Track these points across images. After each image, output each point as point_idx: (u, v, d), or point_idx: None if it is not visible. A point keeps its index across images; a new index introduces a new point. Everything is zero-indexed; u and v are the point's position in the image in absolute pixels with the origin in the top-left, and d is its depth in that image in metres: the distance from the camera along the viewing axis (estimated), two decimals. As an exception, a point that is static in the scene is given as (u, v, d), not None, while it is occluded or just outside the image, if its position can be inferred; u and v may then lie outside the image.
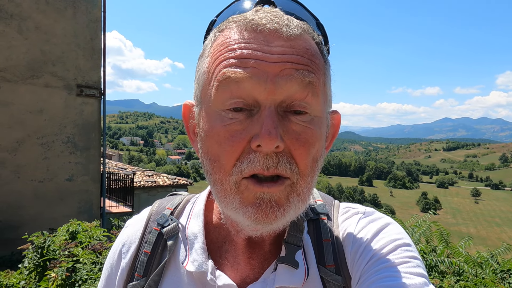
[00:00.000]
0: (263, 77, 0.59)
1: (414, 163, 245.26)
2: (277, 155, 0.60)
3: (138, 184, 15.40)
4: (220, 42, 0.64)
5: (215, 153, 0.63)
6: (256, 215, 0.61)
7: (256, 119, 0.60)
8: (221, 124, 0.62)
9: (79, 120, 9.41)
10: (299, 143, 0.61)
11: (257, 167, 0.59)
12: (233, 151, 0.61)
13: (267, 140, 0.57)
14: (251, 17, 0.63)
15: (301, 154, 0.61)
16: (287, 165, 0.60)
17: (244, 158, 0.60)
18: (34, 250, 3.55)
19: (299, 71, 0.60)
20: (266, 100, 0.59)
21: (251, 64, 0.59)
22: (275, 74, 0.59)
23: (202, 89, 0.67)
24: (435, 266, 4.25)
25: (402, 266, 0.65)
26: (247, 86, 0.59)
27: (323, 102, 0.65)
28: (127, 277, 0.77)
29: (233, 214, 0.64)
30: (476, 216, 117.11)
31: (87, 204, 9.56)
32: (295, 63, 0.60)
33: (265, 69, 0.59)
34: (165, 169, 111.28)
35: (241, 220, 0.63)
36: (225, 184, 0.63)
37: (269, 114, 0.59)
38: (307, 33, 0.65)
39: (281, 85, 0.59)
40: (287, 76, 0.59)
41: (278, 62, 0.59)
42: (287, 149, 0.60)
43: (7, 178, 8.53)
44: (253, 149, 0.60)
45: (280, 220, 0.62)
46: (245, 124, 0.60)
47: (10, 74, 8.52)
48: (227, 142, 0.61)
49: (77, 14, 9.27)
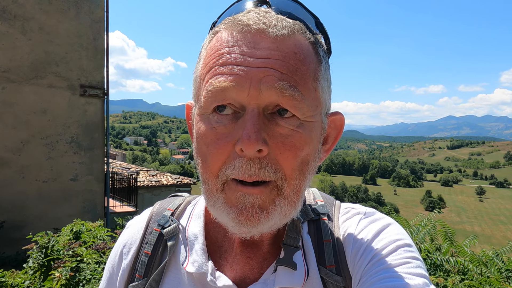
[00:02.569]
0: (246, 84, 0.58)
1: (418, 162, 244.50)
2: (260, 161, 0.59)
3: (141, 184, 15.46)
4: (212, 45, 0.65)
5: (204, 154, 0.64)
6: (239, 218, 0.61)
7: (240, 122, 0.60)
8: (209, 126, 0.62)
9: (82, 120, 9.44)
10: (285, 147, 0.60)
11: (239, 174, 0.59)
12: (219, 154, 0.61)
13: (247, 144, 0.57)
14: (240, 18, 0.62)
15: (286, 158, 0.60)
16: (271, 172, 0.60)
17: (229, 163, 0.60)
18: (39, 250, 3.57)
19: (280, 82, 0.59)
20: (250, 104, 0.59)
21: (235, 72, 0.59)
22: (258, 80, 0.58)
23: (196, 91, 0.67)
24: (440, 265, 4.23)
25: (403, 267, 0.64)
26: (232, 93, 0.59)
27: (313, 107, 0.63)
28: (128, 278, 0.78)
29: (219, 214, 0.64)
30: (481, 214, 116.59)
31: (91, 204, 9.60)
32: (278, 71, 0.59)
33: (248, 74, 0.58)
34: (168, 169, 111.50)
35: (226, 221, 0.64)
36: (211, 185, 0.63)
37: (250, 118, 0.58)
38: (299, 32, 0.63)
39: (262, 91, 0.58)
40: (268, 84, 0.58)
41: (262, 67, 0.59)
42: (272, 153, 0.60)
43: (12, 178, 8.58)
44: (238, 153, 0.59)
45: (265, 224, 0.62)
46: (230, 127, 0.61)
47: (14, 74, 8.56)
48: (213, 145, 0.62)
49: (80, 14, 9.30)
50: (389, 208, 5.91)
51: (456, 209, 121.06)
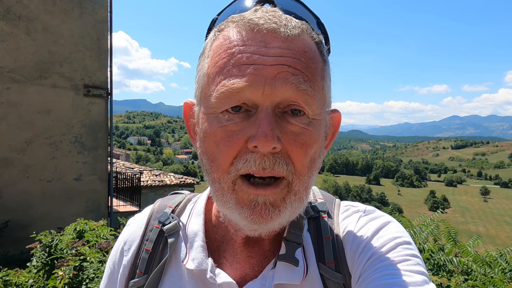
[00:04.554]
0: (261, 82, 0.59)
1: (422, 162, 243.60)
2: (274, 156, 0.60)
3: (145, 183, 15.51)
4: (219, 43, 0.64)
5: (213, 153, 0.64)
6: (251, 216, 0.62)
7: (253, 120, 0.61)
8: (218, 125, 0.62)
9: (86, 120, 9.48)
10: (296, 144, 0.62)
11: (252, 168, 0.60)
12: (230, 151, 0.61)
13: (264, 141, 0.58)
14: (249, 16, 0.63)
15: (298, 155, 0.62)
16: (284, 166, 0.61)
17: (241, 157, 0.61)
18: (42, 249, 3.59)
19: (295, 76, 0.60)
20: (264, 102, 0.60)
21: (249, 71, 0.59)
22: (272, 77, 0.59)
23: (201, 90, 0.67)
24: (443, 265, 4.22)
25: (402, 264, 0.65)
26: (247, 93, 0.60)
27: (321, 105, 0.65)
28: (129, 274, 0.78)
29: (230, 213, 0.65)
30: (485, 214, 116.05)
31: (94, 203, 9.64)
32: (291, 67, 0.60)
33: (262, 73, 0.59)
34: (172, 168, 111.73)
35: (238, 220, 0.64)
36: (223, 183, 0.63)
37: (265, 116, 0.59)
38: (306, 33, 0.64)
39: (277, 87, 0.59)
40: (283, 80, 0.59)
41: (275, 64, 0.59)
42: (284, 149, 0.61)
43: (16, 177, 8.63)
44: (250, 150, 0.60)
45: (276, 221, 0.63)
46: (241, 125, 0.61)
47: (19, 75, 8.61)
48: (224, 142, 0.62)
49: (83, 14, 9.34)
50: (391, 209, 5.88)
51: (460, 209, 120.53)
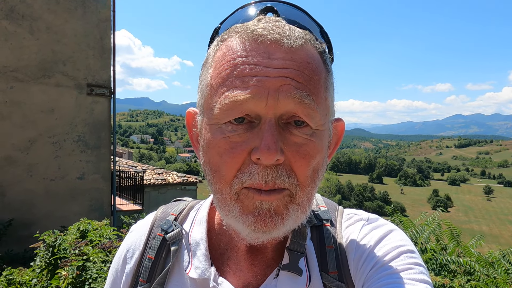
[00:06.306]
0: (264, 94, 0.59)
1: (425, 160, 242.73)
2: (277, 168, 0.60)
3: (148, 182, 15.52)
4: (222, 54, 0.64)
5: (216, 164, 0.63)
6: (255, 224, 0.61)
7: (256, 132, 0.60)
8: (222, 135, 0.62)
9: (89, 119, 9.50)
10: (299, 155, 0.61)
11: (256, 181, 0.60)
12: (233, 163, 0.61)
13: (267, 154, 0.58)
14: (253, 27, 0.62)
15: (301, 166, 0.61)
16: (286, 178, 0.61)
17: (245, 170, 0.61)
18: (46, 249, 3.61)
19: (297, 90, 0.60)
20: (267, 114, 0.60)
21: (253, 83, 0.59)
22: (275, 89, 0.59)
23: (204, 100, 0.67)
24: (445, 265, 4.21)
25: (406, 273, 0.64)
26: (250, 105, 0.60)
27: (324, 115, 0.65)
28: (132, 282, 0.78)
29: (233, 222, 0.64)
30: (488, 214, 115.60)
31: (98, 202, 9.67)
32: (294, 80, 0.60)
33: (265, 84, 0.59)
34: (175, 167, 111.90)
35: (241, 229, 0.64)
36: (226, 194, 0.63)
37: (269, 128, 0.59)
38: (310, 43, 0.64)
39: (280, 100, 0.59)
40: (286, 93, 0.59)
41: (278, 76, 0.59)
42: (287, 161, 0.61)
43: (20, 176, 8.66)
44: (253, 161, 0.60)
45: (280, 229, 0.62)
46: (245, 136, 0.61)
47: (22, 74, 8.63)
48: (228, 153, 0.61)
49: (87, 13, 9.35)
50: (393, 208, 5.85)
51: (464, 209, 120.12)
